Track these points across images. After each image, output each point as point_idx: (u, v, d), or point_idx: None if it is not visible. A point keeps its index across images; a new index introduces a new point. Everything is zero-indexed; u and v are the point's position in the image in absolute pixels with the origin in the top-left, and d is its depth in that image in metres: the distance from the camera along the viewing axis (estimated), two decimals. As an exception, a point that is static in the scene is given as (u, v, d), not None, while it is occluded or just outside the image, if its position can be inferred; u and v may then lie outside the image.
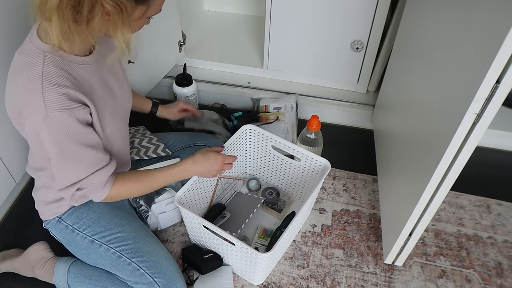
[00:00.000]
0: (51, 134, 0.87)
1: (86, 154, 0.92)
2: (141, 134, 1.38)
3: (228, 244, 1.11)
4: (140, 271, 1.05)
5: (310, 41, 1.61)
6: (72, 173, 0.93)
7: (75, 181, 0.93)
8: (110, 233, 1.09)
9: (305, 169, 1.30)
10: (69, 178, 0.93)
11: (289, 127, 1.62)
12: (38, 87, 0.83)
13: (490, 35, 0.75)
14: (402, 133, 1.27)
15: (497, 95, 0.77)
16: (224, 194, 1.39)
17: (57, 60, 0.86)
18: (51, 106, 0.84)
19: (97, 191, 0.97)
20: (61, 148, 0.89)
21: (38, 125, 0.86)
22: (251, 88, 1.76)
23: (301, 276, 1.24)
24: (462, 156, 0.89)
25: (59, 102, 0.84)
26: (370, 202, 1.45)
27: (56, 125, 0.86)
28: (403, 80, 1.31)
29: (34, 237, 1.25)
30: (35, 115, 0.84)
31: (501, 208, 1.44)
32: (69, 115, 0.86)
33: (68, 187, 0.94)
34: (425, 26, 1.15)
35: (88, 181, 0.94)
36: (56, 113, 0.84)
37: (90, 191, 0.97)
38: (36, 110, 0.84)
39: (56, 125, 0.86)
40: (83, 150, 0.91)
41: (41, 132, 0.87)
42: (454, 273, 1.26)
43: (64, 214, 1.11)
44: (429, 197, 1.00)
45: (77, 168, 0.92)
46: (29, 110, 0.85)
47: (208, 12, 2.11)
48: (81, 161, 0.92)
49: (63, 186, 0.94)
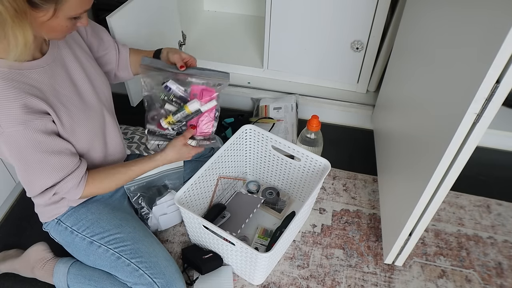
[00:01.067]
0: (11, 148, 0.86)
1: (52, 161, 0.91)
2: (141, 132, 1.38)
3: (228, 244, 1.11)
4: (139, 271, 1.04)
5: (310, 41, 1.61)
6: (41, 181, 0.92)
7: (46, 187, 0.94)
8: (109, 234, 1.08)
9: (305, 169, 1.30)
10: (39, 187, 0.93)
11: (289, 127, 1.62)
12: None
13: (490, 35, 0.75)
14: (402, 133, 1.27)
15: (497, 95, 0.77)
16: (224, 194, 1.39)
17: (5, 72, 0.83)
18: (4, 123, 0.82)
19: (71, 192, 0.98)
20: (25, 160, 0.88)
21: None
22: (251, 88, 1.76)
23: (301, 276, 1.24)
24: (462, 156, 0.88)
25: (12, 117, 0.82)
26: (370, 202, 1.45)
27: (13, 140, 0.84)
28: (403, 80, 1.31)
29: (34, 237, 1.25)
30: None
31: (501, 208, 1.43)
32: (25, 128, 0.84)
33: (41, 194, 0.95)
34: (425, 26, 1.15)
35: (61, 185, 0.95)
36: (11, 129, 0.83)
37: (65, 194, 0.98)
38: None
39: (13, 140, 0.85)
40: (48, 157, 0.90)
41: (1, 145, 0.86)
42: (454, 273, 1.26)
43: (63, 215, 1.11)
44: (429, 197, 1.00)
45: (45, 176, 0.92)
46: None
47: (208, 12, 2.11)
48: (48, 169, 0.91)
49: (34, 193, 0.95)
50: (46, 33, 0.85)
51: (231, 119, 1.63)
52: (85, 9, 0.85)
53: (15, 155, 0.88)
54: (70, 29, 0.88)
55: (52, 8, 0.79)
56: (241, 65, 1.79)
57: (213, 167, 1.24)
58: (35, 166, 0.90)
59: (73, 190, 0.98)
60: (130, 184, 1.24)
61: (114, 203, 1.17)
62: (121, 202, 1.21)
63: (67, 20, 0.84)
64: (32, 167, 0.90)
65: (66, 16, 0.83)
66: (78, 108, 0.98)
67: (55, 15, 0.81)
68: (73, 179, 0.96)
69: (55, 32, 0.86)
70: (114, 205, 1.17)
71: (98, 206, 1.13)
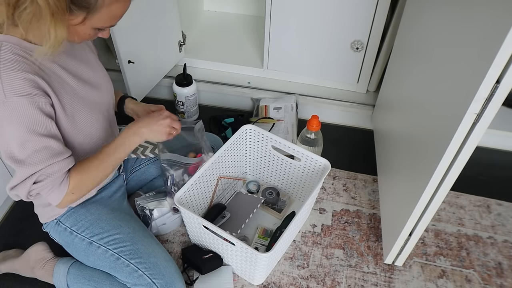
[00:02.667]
0: (9, 121, 0.83)
1: (46, 144, 0.88)
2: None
3: (228, 244, 1.11)
4: (138, 272, 1.04)
5: (310, 41, 1.61)
6: (30, 163, 0.87)
7: (32, 172, 0.88)
8: (108, 234, 1.08)
9: (305, 169, 1.29)
10: (27, 170, 0.88)
11: (289, 127, 1.62)
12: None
13: (490, 35, 0.75)
14: (402, 133, 1.27)
15: (497, 95, 0.77)
16: (224, 194, 1.39)
17: (16, 48, 0.84)
18: (9, 90, 0.81)
19: (54, 189, 0.92)
20: (19, 137, 0.85)
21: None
22: (251, 88, 1.76)
23: (301, 276, 1.24)
24: (462, 156, 0.88)
25: (18, 87, 0.82)
26: (370, 202, 1.45)
27: (14, 111, 0.82)
28: (403, 80, 1.31)
29: (34, 237, 1.25)
30: None
31: (501, 208, 1.43)
32: (30, 101, 0.83)
33: (24, 181, 0.89)
34: (425, 26, 1.15)
35: (45, 171, 0.89)
36: (15, 99, 0.82)
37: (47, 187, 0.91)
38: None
39: (14, 112, 0.82)
40: (43, 140, 0.87)
41: None
42: (454, 273, 1.26)
43: (62, 216, 1.11)
44: (429, 197, 1.00)
45: (35, 158, 0.87)
46: None
47: (208, 12, 2.11)
48: (40, 150, 0.87)
49: (20, 179, 0.89)
50: (69, 36, 0.86)
51: (231, 119, 1.63)
52: (111, 24, 0.89)
53: (12, 132, 0.84)
54: (91, 38, 0.91)
55: (82, 15, 0.82)
56: (241, 65, 1.79)
57: (213, 167, 1.24)
58: (30, 145, 0.86)
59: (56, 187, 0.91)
60: None
61: (113, 204, 1.17)
62: (120, 202, 1.21)
63: (91, 29, 0.87)
64: (26, 146, 0.86)
65: (92, 26, 0.86)
66: (81, 100, 0.98)
67: (83, 22, 0.84)
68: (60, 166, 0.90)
69: (77, 36, 0.88)
70: (113, 205, 1.17)
71: (97, 207, 1.13)
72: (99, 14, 0.83)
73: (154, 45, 1.58)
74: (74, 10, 0.80)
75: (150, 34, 1.52)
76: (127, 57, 1.43)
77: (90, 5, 0.81)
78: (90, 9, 0.81)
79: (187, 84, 1.62)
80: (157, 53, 1.62)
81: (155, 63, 1.65)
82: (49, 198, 0.94)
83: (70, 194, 0.95)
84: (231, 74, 1.81)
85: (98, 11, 0.82)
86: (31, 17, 0.79)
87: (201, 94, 1.77)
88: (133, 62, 1.45)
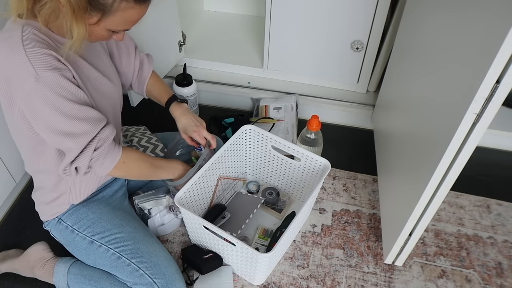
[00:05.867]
0: (47, 97, 0.84)
1: (87, 111, 0.90)
2: (141, 133, 1.38)
3: (228, 245, 1.11)
4: (139, 271, 1.05)
5: (310, 41, 1.61)
6: (82, 132, 0.89)
7: (90, 139, 0.90)
8: (110, 233, 1.08)
9: (305, 169, 1.30)
10: (83, 139, 0.89)
11: (289, 127, 1.62)
12: (20, 50, 0.81)
13: (490, 35, 0.75)
14: (402, 133, 1.27)
15: (497, 95, 0.77)
16: (224, 195, 1.39)
17: (36, 32, 0.85)
18: (39, 66, 0.82)
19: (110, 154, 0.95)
20: (62, 110, 0.86)
21: (31, 91, 0.83)
22: (251, 88, 1.76)
23: (301, 276, 1.24)
24: (462, 156, 0.89)
25: (45, 62, 0.83)
26: (370, 202, 1.45)
27: (50, 86, 0.84)
28: (403, 80, 1.31)
29: (34, 237, 1.25)
30: (26, 81, 0.82)
31: (501, 208, 1.44)
32: (60, 74, 0.85)
33: (84, 151, 0.90)
34: (425, 26, 1.15)
35: (101, 135, 0.92)
36: (47, 73, 0.83)
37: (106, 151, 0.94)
38: (26, 75, 0.82)
39: (50, 86, 0.84)
40: (83, 108, 0.89)
41: (35, 100, 0.84)
42: (454, 273, 1.26)
43: (64, 214, 1.11)
44: (429, 197, 1.00)
45: (85, 126, 0.89)
46: (19, 77, 0.83)
47: (208, 12, 2.11)
48: (86, 118, 0.89)
49: (78, 150, 0.90)
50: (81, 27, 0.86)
51: (231, 119, 1.63)
52: (125, 28, 0.89)
53: (52, 107, 0.85)
54: (105, 39, 0.92)
55: (97, 16, 0.83)
56: (241, 65, 1.79)
57: (213, 168, 1.24)
58: (75, 115, 0.87)
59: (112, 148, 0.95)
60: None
61: (114, 203, 1.18)
62: (121, 201, 1.21)
63: (105, 31, 0.88)
64: (72, 118, 0.87)
65: (106, 28, 0.86)
66: (95, 89, 0.99)
67: (97, 23, 0.84)
68: (110, 129, 0.94)
69: (91, 36, 0.88)
70: (114, 204, 1.17)
71: (99, 206, 1.13)
72: (114, 17, 0.84)
73: (154, 45, 1.58)
74: (90, 10, 0.81)
75: (150, 34, 1.52)
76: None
77: (106, 8, 0.81)
78: (105, 11, 0.82)
79: (187, 84, 1.62)
80: (157, 53, 1.62)
81: (155, 63, 1.63)
82: (105, 163, 0.96)
83: (121, 164, 0.99)
84: (231, 74, 1.81)
85: (112, 14, 0.83)
86: (50, 12, 0.81)
87: (201, 94, 1.77)
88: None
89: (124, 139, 1.34)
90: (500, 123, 1.51)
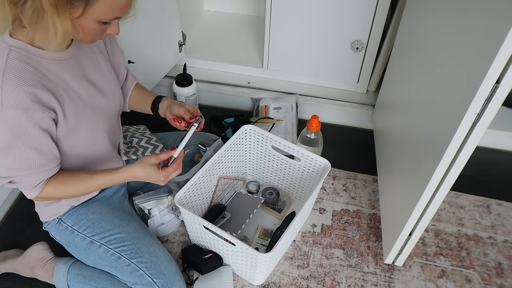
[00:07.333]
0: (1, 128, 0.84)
1: (30, 156, 0.89)
2: (141, 133, 1.38)
3: (228, 245, 1.11)
4: (139, 271, 1.04)
5: (310, 41, 1.61)
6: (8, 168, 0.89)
7: (8, 175, 0.90)
8: (110, 233, 1.08)
9: (305, 169, 1.30)
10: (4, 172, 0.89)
11: (289, 127, 1.62)
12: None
13: (490, 34, 0.75)
14: (402, 133, 1.27)
15: (497, 95, 0.77)
16: (224, 195, 1.39)
17: (24, 55, 0.84)
18: (7, 101, 0.82)
19: (27, 189, 0.95)
20: (7, 143, 0.86)
21: None
22: (251, 88, 1.76)
23: (301, 276, 1.24)
24: (462, 156, 0.89)
25: (17, 100, 0.82)
26: (370, 202, 1.45)
27: (7, 121, 0.83)
28: (403, 80, 1.31)
29: (34, 237, 1.25)
30: None
31: (501, 208, 1.44)
32: (25, 115, 0.84)
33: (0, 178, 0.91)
34: (425, 26, 1.15)
35: (21, 178, 0.91)
36: (11, 111, 0.82)
37: (21, 187, 0.95)
38: None
39: (7, 121, 0.83)
40: (28, 151, 0.88)
41: None
42: (454, 273, 1.26)
43: (63, 215, 1.11)
44: (429, 197, 1.00)
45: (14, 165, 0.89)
46: None
47: (208, 12, 2.11)
48: (21, 160, 0.89)
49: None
50: (75, 32, 0.85)
51: (231, 119, 1.63)
52: (115, 16, 0.86)
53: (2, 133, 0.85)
54: (99, 34, 0.88)
55: (82, 6, 0.80)
56: (241, 65, 1.79)
57: (213, 168, 1.24)
58: (12, 152, 0.87)
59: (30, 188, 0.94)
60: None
61: (115, 203, 1.18)
62: (121, 202, 1.21)
63: (95, 23, 0.84)
64: (9, 153, 0.87)
65: (95, 19, 0.83)
66: (86, 106, 0.98)
67: (83, 14, 0.81)
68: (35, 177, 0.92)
69: (83, 33, 0.86)
70: (114, 204, 1.17)
71: (99, 206, 1.13)
72: (99, 4, 0.81)
73: (154, 45, 1.58)
74: (72, 1, 0.79)
75: (150, 34, 1.52)
76: (127, 57, 1.42)
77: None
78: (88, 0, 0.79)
79: (187, 84, 1.62)
80: (157, 53, 1.62)
81: (155, 63, 1.65)
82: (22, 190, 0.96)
83: (40, 198, 0.97)
84: (231, 74, 1.81)
85: (97, 1, 0.80)
86: (32, 12, 0.78)
87: (201, 94, 1.77)
88: (133, 62, 1.45)
89: (124, 140, 1.34)
90: (500, 123, 1.51)
